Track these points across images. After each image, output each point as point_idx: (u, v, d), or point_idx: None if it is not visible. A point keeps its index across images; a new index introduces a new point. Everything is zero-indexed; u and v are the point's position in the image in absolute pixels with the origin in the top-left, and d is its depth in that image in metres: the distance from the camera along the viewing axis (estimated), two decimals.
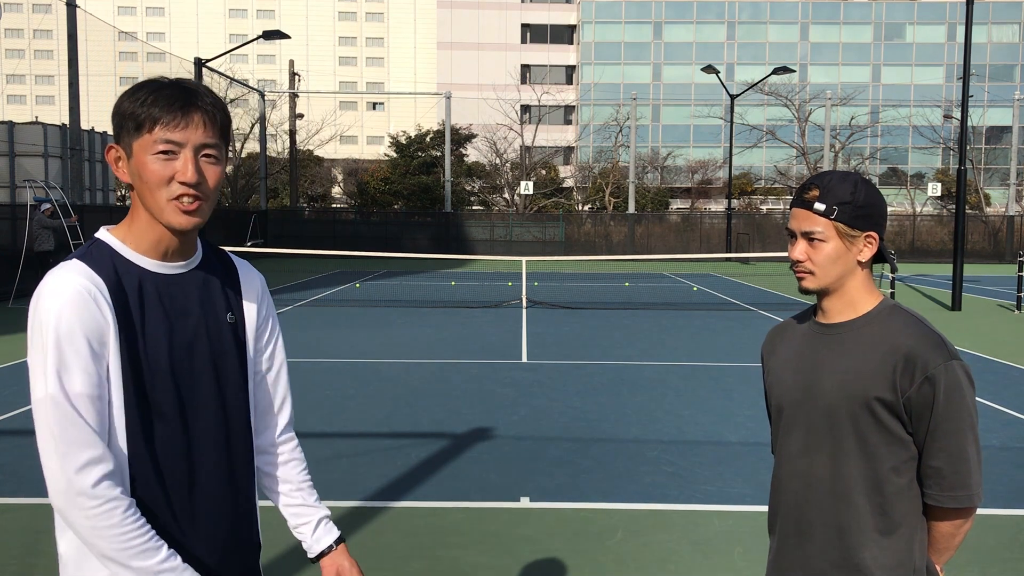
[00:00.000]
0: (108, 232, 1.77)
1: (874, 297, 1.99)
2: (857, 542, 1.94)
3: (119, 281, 1.69)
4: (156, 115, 1.65)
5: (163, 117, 1.65)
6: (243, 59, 79.55)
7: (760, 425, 7.65)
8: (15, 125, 28.20)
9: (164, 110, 1.65)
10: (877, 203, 1.95)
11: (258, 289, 1.95)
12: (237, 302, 1.88)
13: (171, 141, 1.65)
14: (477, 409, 8.24)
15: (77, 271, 1.65)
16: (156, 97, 1.66)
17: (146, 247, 1.74)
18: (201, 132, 1.68)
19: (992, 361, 11.34)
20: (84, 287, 1.62)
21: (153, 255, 1.74)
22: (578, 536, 5.02)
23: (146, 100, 1.66)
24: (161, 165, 1.66)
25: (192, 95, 1.68)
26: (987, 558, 4.74)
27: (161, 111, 1.65)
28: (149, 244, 1.73)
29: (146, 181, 1.67)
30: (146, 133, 1.66)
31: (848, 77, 76.67)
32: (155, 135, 1.65)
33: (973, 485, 1.89)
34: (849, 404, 1.92)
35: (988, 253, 38.74)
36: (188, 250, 1.79)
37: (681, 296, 20.14)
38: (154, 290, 1.73)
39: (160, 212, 1.69)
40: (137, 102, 1.67)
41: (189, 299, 1.78)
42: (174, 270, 1.77)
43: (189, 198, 1.68)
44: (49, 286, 1.63)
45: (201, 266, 1.83)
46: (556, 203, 49.74)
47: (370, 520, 5.23)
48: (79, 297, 1.61)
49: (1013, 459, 6.72)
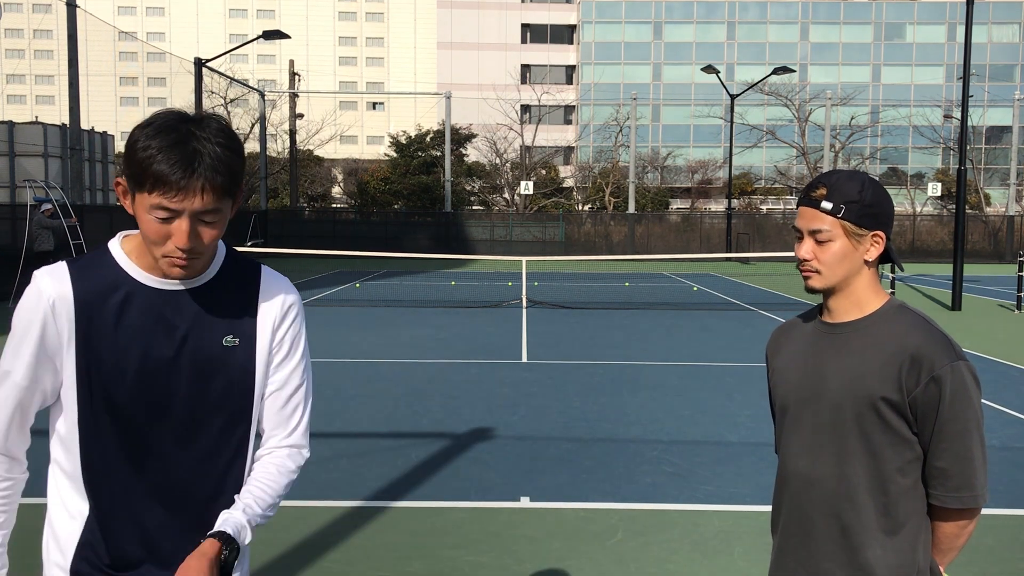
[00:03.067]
0: (120, 242, 1.80)
1: (880, 297, 1.99)
2: (861, 542, 1.93)
3: (100, 292, 1.73)
4: (155, 179, 1.62)
5: (161, 185, 1.62)
6: (243, 59, 79.51)
7: (760, 425, 7.65)
8: (15, 125, 28.20)
9: (164, 176, 1.62)
10: (884, 202, 1.94)
11: (279, 310, 1.88)
12: (247, 323, 1.83)
13: (167, 208, 1.64)
14: (477, 409, 8.23)
15: (52, 276, 1.74)
16: (163, 157, 1.62)
17: (148, 265, 1.77)
18: (199, 201, 1.64)
19: (992, 361, 11.34)
20: (47, 293, 1.72)
21: (154, 272, 1.77)
22: (578, 536, 5.01)
23: (153, 155, 1.62)
24: (157, 226, 1.66)
25: (195, 160, 1.63)
26: (987, 558, 4.74)
27: (162, 175, 1.62)
28: (150, 263, 1.77)
29: (143, 234, 1.70)
30: (145, 192, 1.64)
31: (848, 77, 76.67)
32: (153, 199, 1.64)
33: (978, 486, 1.88)
34: (854, 404, 1.91)
35: (988, 253, 38.73)
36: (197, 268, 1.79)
37: (681, 296, 20.14)
38: (143, 304, 1.75)
39: (155, 259, 1.72)
40: (145, 152, 1.63)
41: (180, 316, 1.77)
42: (173, 287, 1.78)
43: (182, 258, 1.70)
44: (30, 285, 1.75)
45: (212, 282, 1.82)
46: (556, 203, 49.74)
47: (370, 520, 5.23)
48: (38, 302, 1.72)
49: (1013, 459, 6.72)
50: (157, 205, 1.64)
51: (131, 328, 1.74)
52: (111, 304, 1.73)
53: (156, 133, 1.65)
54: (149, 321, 1.75)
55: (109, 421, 1.75)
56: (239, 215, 35.87)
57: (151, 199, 1.64)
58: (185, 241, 1.66)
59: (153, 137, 1.64)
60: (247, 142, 46.20)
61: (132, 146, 1.66)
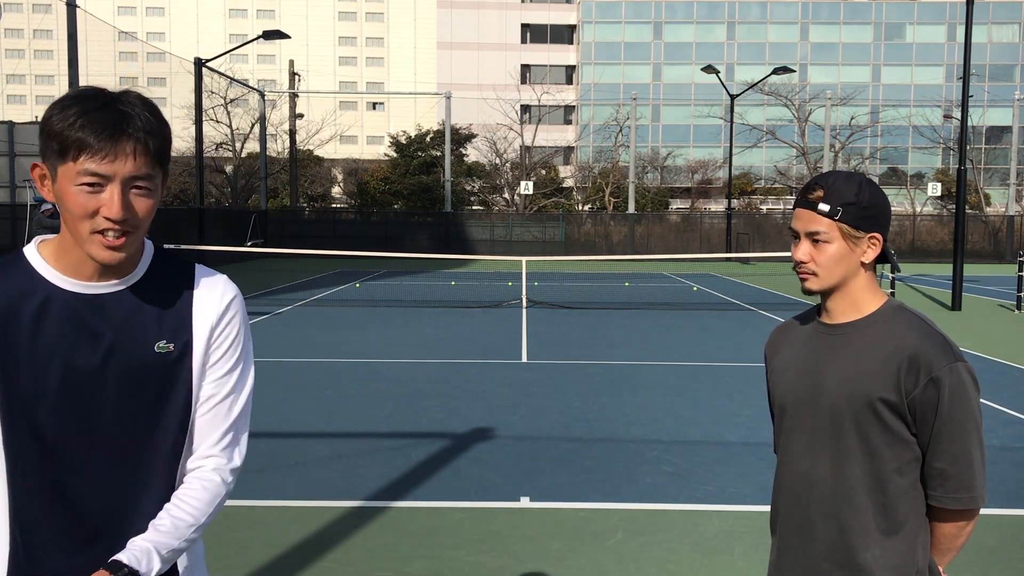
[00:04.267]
0: (36, 247, 1.65)
1: (878, 298, 1.99)
2: (860, 542, 1.93)
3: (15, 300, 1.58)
4: (82, 142, 1.49)
5: (89, 146, 1.49)
6: (243, 59, 79.54)
7: (760, 425, 7.65)
8: (15, 125, 28.21)
9: (91, 137, 1.48)
10: (881, 204, 1.94)
11: (216, 311, 1.70)
12: (182, 326, 1.67)
13: (96, 173, 1.50)
14: (477, 409, 8.23)
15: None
16: (85, 120, 1.49)
17: (67, 267, 1.61)
18: (131, 164, 1.52)
19: (992, 361, 11.34)
20: None
21: (74, 275, 1.61)
22: (578, 536, 5.01)
23: (74, 122, 1.49)
24: (85, 197, 1.51)
25: (124, 120, 1.51)
26: (987, 558, 4.74)
27: (88, 138, 1.48)
28: (71, 264, 1.61)
29: (69, 211, 1.53)
30: (70, 161, 1.50)
31: (848, 77, 76.68)
32: (79, 165, 1.49)
33: (977, 487, 1.88)
34: (853, 404, 1.91)
35: (988, 253, 38.74)
36: (123, 268, 1.64)
37: (681, 296, 20.14)
38: (63, 311, 1.59)
39: (82, 243, 1.55)
40: (65, 122, 1.50)
41: (105, 322, 1.62)
42: (97, 290, 1.62)
43: (114, 232, 1.53)
44: None
45: (140, 284, 1.66)
46: (556, 203, 49.74)
47: (370, 520, 5.23)
48: None
49: (1013, 459, 6.72)
50: (84, 171, 1.49)
51: (50, 338, 1.58)
52: (26, 313, 1.58)
53: (74, 101, 1.52)
54: (70, 329, 1.59)
55: (31, 440, 1.59)
56: (239, 215, 35.87)
57: (77, 166, 1.49)
58: (119, 210, 1.51)
59: (72, 105, 1.51)
60: (247, 142, 46.28)
61: (48, 120, 1.52)
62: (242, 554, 4.68)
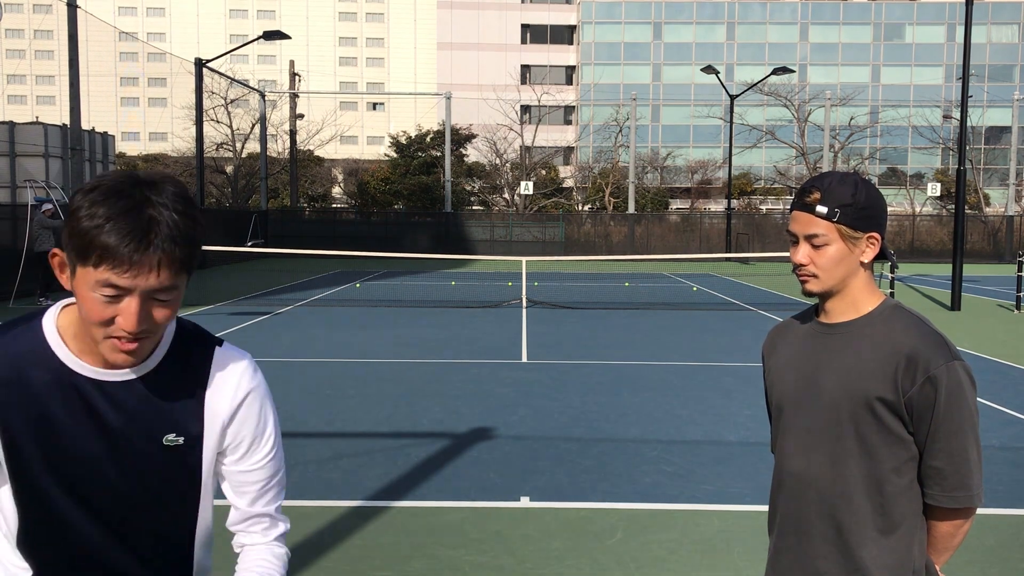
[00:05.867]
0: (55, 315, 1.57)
1: (876, 297, 2.00)
2: (857, 542, 1.94)
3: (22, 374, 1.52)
4: (103, 251, 1.39)
5: (109, 257, 1.39)
6: (243, 59, 79.52)
7: (760, 425, 7.65)
8: (16, 125, 28.25)
9: (113, 247, 1.38)
10: (878, 203, 1.95)
11: (229, 404, 1.64)
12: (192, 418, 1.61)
13: (116, 286, 1.41)
14: (477, 409, 8.24)
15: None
16: (112, 226, 1.38)
17: (82, 349, 1.54)
18: (154, 278, 1.42)
19: (992, 361, 11.34)
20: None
21: (87, 358, 1.54)
22: (578, 536, 5.02)
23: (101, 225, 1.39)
24: (102, 307, 1.42)
25: (152, 230, 1.40)
26: (987, 558, 4.75)
27: (110, 247, 1.38)
28: (86, 348, 1.54)
29: (83, 314, 1.45)
30: (91, 267, 1.40)
31: (848, 77, 76.68)
32: (100, 274, 1.40)
33: (974, 486, 1.89)
34: (850, 404, 1.92)
35: (988, 253, 38.73)
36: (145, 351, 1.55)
37: (681, 296, 20.15)
38: (71, 395, 1.53)
39: (96, 343, 1.48)
40: (91, 221, 1.39)
41: (115, 412, 1.55)
42: (111, 377, 1.55)
43: (129, 338, 1.46)
44: None
45: (155, 372, 1.59)
46: (556, 203, 49.75)
47: (370, 520, 5.24)
48: None
49: (1013, 459, 6.72)
50: (104, 282, 1.40)
51: (54, 422, 1.52)
52: (33, 391, 1.51)
53: (104, 198, 1.40)
54: (76, 415, 1.53)
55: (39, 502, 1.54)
56: (239, 215, 35.87)
57: (96, 274, 1.40)
58: (135, 324, 1.42)
59: (100, 203, 1.40)
60: (247, 142, 46.30)
61: (75, 213, 1.41)
62: None
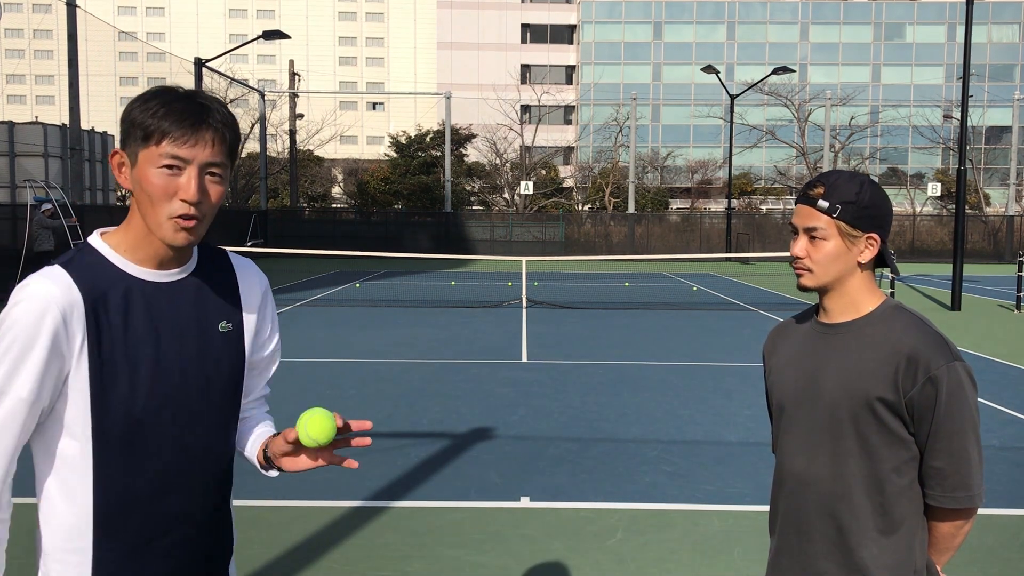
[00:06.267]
0: (101, 238, 1.73)
1: (876, 297, 1.99)
2: (857, 542, 1.93)
3: (103, 293, 1.65)
4: (165, 128, 1.62)
5: (172, 131, 1.62)
6: (243, 59, 79.53)
7: (760, 425, 7.65)
8: (15, 125, 28.23)
9: (174, 124, 1.62)
10: (882, 205, 1.95)
11: (259, 294, 1.91)
12: (235, 309, 1.85)
13: (177, 157, 1.62)
14: (477, 409, 8.24)
15: (55, 280, 1.62)
16: (168, 110, 1.63)
17: (140, 256, 1.71)
18: (209, 151, 1.65)
19: (992, 361, 11.34)
20: (56, 299, 1.60)
21: (147, 264, 1.71)
22: (578, 536, 5.02)
23: (157, 111, 1.63)
24: (165, 180, 1.63)
25: (204, 111, 1.65)
26: (987, 558, 4.74)
27: (171, 125, 1.62)
28: (144, 253, 1.71)
29: (147, 193, 1.64)
30: (153, 145, 1.63)
31: (848, 77, 76.67)
32: (162, 149, 1.62)
33: (974, 486, 1.89)
34: (851, 404, 1.92)
35: (988, 253, 38.73)
36: (184, 257, 1.76)
37: (681, 296, 20.14)
38: (143, 301, 1.69)
39: (157, 226, 1.66)
40: (148, 112, 1.63)
41: (180, 309, 1.74)
42: (167, 278, 1.73)
43: (188, 215, 1.65)
44: (26, 291, 1.61)
45: (196, 272, 1.79)
46: (556, 203, 49.74)
47: (370, 520, 5.23)
48: (44, 308, 1.59)
49: (1013, 459, 6.72)
50: (167, 154, 1.62)
51: (139, 327, 1.68)
52: (115, 304, 1.66)
53: (157, 94, 1.66)
54: (153, 316, 1.70)
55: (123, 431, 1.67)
56: (239, 215, 35.87)
57: (160, 149, 1.62)
58: (195, 192, 1.63)
59: (154, 98, 1.65)
60: (247, 142, 46.25)
61: (133, 110, 1.65)
62: (242, 554, 4.69)
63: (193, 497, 1.78)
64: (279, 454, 1.84)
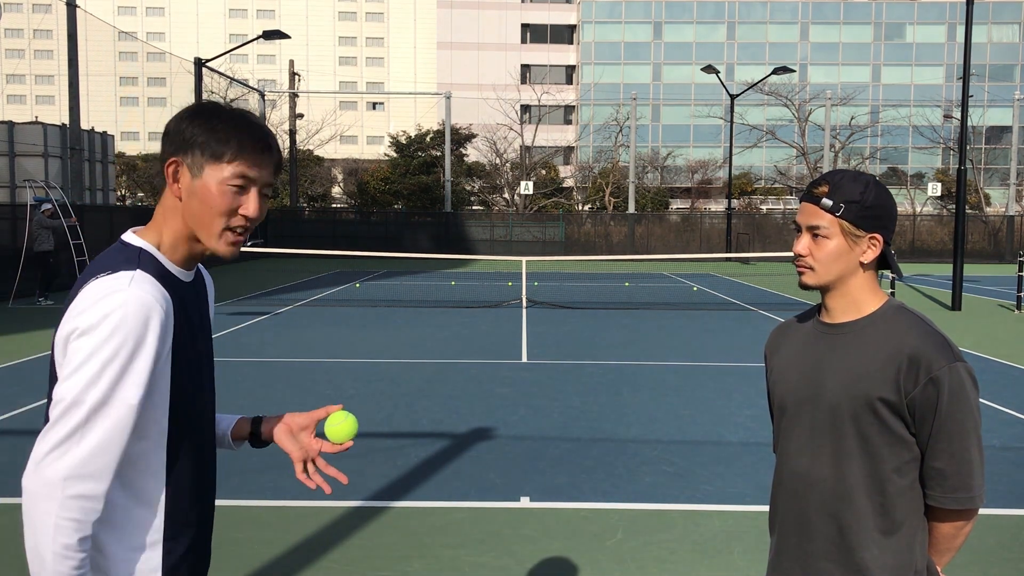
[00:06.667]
0: (142, 239, 1.76)
1: (879, 298, 1.99)
2: (858, 542, 1.93)
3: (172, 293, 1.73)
4: (240, 150, 1.71)
5: (247, 153, 1.71)
6: (243, 59, 79.53)
7: (760, 425, 7.65)
8: (15, 125, 28.20)
9: (248, 147, 1.72)
10: (886, 206, 1.95)
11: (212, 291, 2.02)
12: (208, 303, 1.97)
13: (246, 176, 1.72)
14: (477, 409, 8.23)
15: (151, 284, 1.65)
16: (239, 134, 1.71)
17: (177, 257, 1.78)
18: (268, 173, 1.76)
19: (992, 361, 11.34)
20: (158, 300, 1.64)
21: (181, 264, 1.79)
22: (578, 536, 5.02)
23: (227, 132, 1.71)
24: (231, 197, 1.72)
25: (269, 136, 1.77)
26: (987, 558, 4.74)
27: (245, 147, 1.71)
28: (180, 255, 1.78)
29: (209, 205, 1.71)
30: (224, 163, 1.71)
31: (848, 77, 76.67)
32: (234, 168, 1.71)
33: (975, 487, 1.89)
34: (852, 404, 1.92)
35: (988, 253, 38.73)
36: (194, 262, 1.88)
37: (681, 296, 20.14)
38: (184, 302, 1.77)
39: (210, 236, 1.74)
40: (215, 132, 1.71)
41: (200, 307, 1.87)
42: (188, 278, 1.83)
43: (242, 229, 1.76)
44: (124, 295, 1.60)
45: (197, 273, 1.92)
46: (556, 203, 49.74)
47: (370, 520, 5.23)
48: (150, 310, 1.61)
49: (1013, 459, 6.72)
50: (239, 173, 1.71)
51: (189, 327, 1.77)
52: (178, 304, 1.73)
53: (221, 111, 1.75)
54: (195, 317, 1.80)
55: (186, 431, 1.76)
56: None
57: (231, 167, 1.70)
58: (256, 210, 1.74)
59: (222, 115, 1.73)
60: None
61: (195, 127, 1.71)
62: (242, 554, 4.69)
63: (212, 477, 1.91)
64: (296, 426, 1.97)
